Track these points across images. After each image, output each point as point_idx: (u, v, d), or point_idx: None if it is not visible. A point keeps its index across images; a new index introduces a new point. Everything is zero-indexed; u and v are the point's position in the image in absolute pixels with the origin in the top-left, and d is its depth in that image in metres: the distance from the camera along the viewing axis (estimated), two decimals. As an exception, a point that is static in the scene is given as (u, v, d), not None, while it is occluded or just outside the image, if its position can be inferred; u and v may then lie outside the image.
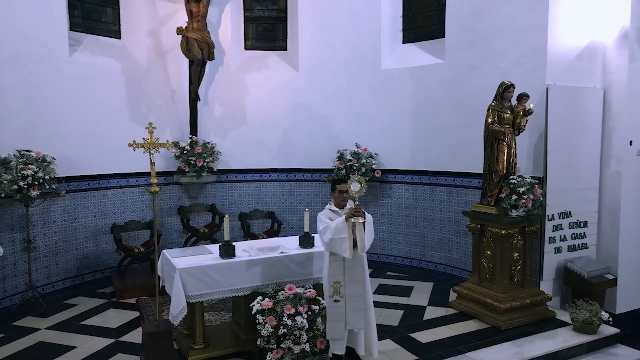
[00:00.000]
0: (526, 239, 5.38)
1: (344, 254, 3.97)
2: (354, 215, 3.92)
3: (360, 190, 3.98)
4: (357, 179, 3.99)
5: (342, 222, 3.95)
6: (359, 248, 3.99)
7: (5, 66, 5.82)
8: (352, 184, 3.99)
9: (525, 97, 5.33)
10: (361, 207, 3.98)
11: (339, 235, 3.94)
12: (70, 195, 6.66)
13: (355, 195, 3.98)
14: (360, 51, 7.81)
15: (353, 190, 3.98)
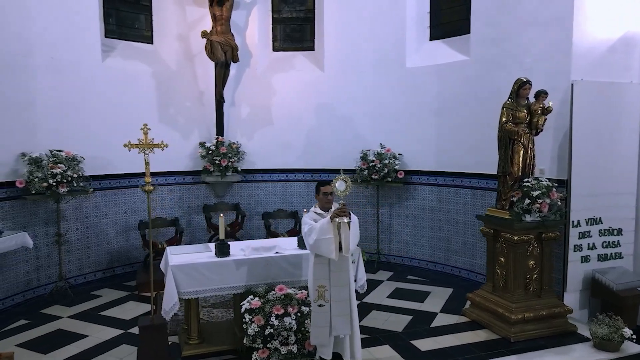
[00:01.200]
0: (543, 246, 5.03)
1: (329, 255, 3.91)
2: (339, 215, 3.85)
3: (346, 189, 3.92)
4: (342, 178, 3.93)
5: (327, 223, 3.90)
6: (344, 249, 3.91)
7: (40, 72, 6.28)
8: (338, 183, 3.92)
9: (543, 95, 4.98)
10: (346, 206, 3.91)
11: (324, 236, 3.89)
12: (101, 192, 7.07)
13: (341, 194, 3.91)
14: (385, 50, 7.65)
15: (338, 189, 3.92)
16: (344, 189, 3.91)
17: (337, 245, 3.90)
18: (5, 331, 5.16)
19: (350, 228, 3.90)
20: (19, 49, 6.02)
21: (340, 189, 3.91)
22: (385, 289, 6.48)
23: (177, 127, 7.85)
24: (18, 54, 6.01)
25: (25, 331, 5.15)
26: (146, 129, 4.60)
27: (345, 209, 3.88)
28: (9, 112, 5.91)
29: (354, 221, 3.97)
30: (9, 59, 5.91)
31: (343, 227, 3.87)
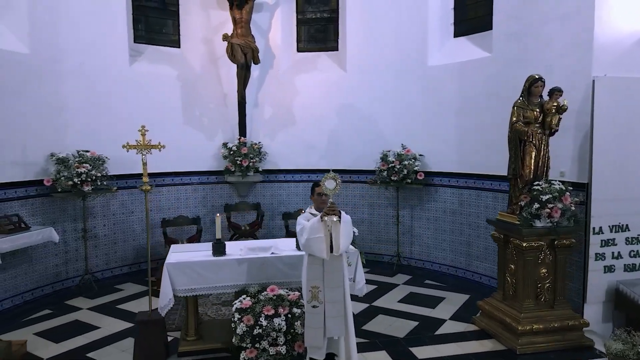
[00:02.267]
0: (557, 253, 4.72)
1: (320, 254, 3.88)
2: (328, 214, 3.82)
3: (335, 188, 3.88)
4: (331, 177, 3.90)
5: (317, 222, 3.87)
6: (334, 248, 3.85)
7: (70, 77, 6.66)
8: (327, 182, 3.90)
9: (557, 92, 4.68)
10: (336, 205, 3.86)
11: (314, 235, 3.86)
12: (128, 191, 7.40)
13: (330, 193, 3.88)
14: (407, 48, 7.48)
15: (327, 188, 3.89)
16: (334, 188, 3.88)
17: (329, 245, 3.86)
18: (29, 320, 5.53)
19: (341, 227, 3.83)
20: (51, 56, 6.42)
21: (330, 187, 3.89)
22: (398, 293, 6.34)
23: (202, 128, 8.07)
24: (50, 60, 6.41)
25: (46, 320, 5.49)
26: (144, 131, 4.76)
27: (335, 207, 3.84)
28: (40, 114, 6.31)
29: (346, 220, 3.90)
30: (41, 65, 6.31)
31: (334, 226, 3.83)
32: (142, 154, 4.71)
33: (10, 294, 5.95)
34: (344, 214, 3.91)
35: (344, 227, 3.84)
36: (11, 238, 5.53)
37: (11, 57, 5.95)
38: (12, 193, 5.97)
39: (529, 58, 5.84)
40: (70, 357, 4.55)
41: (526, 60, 5.88)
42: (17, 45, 6.06)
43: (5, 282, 5.89)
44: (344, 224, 3.85)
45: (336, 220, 3.80)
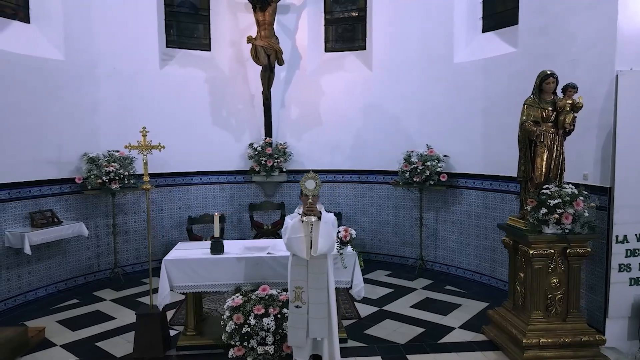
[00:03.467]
0: (570, 262, 4.37)
1: (301, 254, 3.89)
2: (307, 213, 3.80)
3: (315, 187, 3.87)
4: (311, 177, 3.90)
5: (298, 221, 3.87)
6: (312, 248, 3.83)
7: (103, 81, 7.07)
8: (307, 182, 3.89)
9: (570, 89, 4.33)
10: (314, 205, 3.83)
11: (295, 234, 3.88)
12: (158, 189, 7.74)
13: (310, 193, 3.87)
14: (433, 45, 7.25)
15: (307, 188, 3.89)
16: (314, 188, 3.88)
17: (309, 245, 3.85)
18: (57, 308, 5.94)
19: (321, 228, 3.80)
20: (85, 62, 6.85)
21: (310, 187, 3.88)
22: (412, 298, 6.16)
23: (230, 129, 8.27)
24: (84, 65, 6.85)
25: (71, 309, 5.88)
26: (145, 132, 4.92)
27: (313, 207, 3.82)
28: (75, 117, 6.76)
29: (326, 221, 3.85)
30: (76, 70, 6.75)
31: (314, 226, 3.81)
32: (144, 154, 4.82)
33: (44, 283, 6.42)
34: (325, 214, 3.87)
35: (324, 227, 3.79)
36: (43, 231, 5.97)
37: (48, 63, 6.41)
38: (47, 190, 6.43)
39: (554, 52, 5.46)
40: (80, 345, 4.83)
41: (551, 55, 5.50)
42: (53, 52, 6.52)
43: (40, 272, 6.36)
44: (324, 224, 3.80)
45: (315, 220, 3.76)
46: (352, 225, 8.12)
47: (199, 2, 8.30)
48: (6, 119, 5.88)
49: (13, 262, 5.97)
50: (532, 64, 5.81)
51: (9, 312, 5.83)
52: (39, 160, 6.33)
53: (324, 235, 3.79)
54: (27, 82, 6.16)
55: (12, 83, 5.95)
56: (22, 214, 6.09)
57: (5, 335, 4.47)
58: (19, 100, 6.05)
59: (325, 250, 3.84)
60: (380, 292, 6.45)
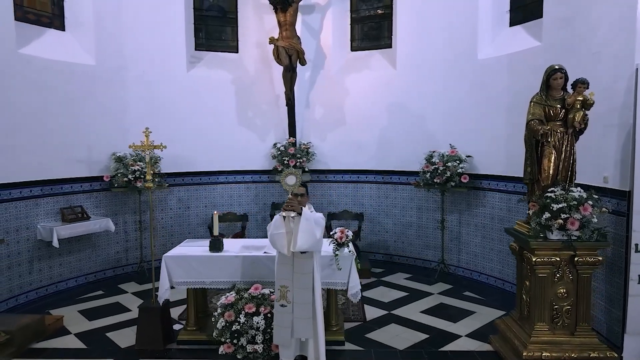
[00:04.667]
0: (579, 272, 4.06)
1: (282, 250, 3.92)
2: (286, 209, 3.81)
3: (296, 183, 3.88)
4: (291, 172, 3.93)
5: (280, 217, 3.90)
6: (292, 245, 3.82)
7: (132, 84, 7.41)
8: (287, 178, 3.94)
9: (580, 84, 4.02)
10: (294, 201, 3.83)
11: (277, 230, 3.90)
12: (185, 187, 8.02)
13: (289, 189, 3.89)
14: (457, 42, 6.99)
15: (288, 184, 3.91)
16: (294, 184, 3.89)
17: (289, 241, 3.85)
18: (82, 298, 6.31)
19: (301, 224, 3.78)
20: (115, 66, 7.22)
21: (290, 183, 3.92)
22: (425, 303, 5.97)
23: (255, 129, 8.40)
24: (113, 70, 7.21)
25: (94, 300, 6.22)
26: (147, 132, 5.08)
27: (293, 203, 3.81)
28: (106, 118, 7.13)
29: (308, 218, 3.82)
30: (108, 73, 7.13)
31: (295, 222, 3.80)
32: (146, 154, 4.99)
33: (75, 274, 6.83)
34: (307, 211, 3.84)
35: (304, 223, 3.77)
36: (71, 226, 6.36)
37: (79, 68, 6.81)
38: (78, 187, 6.85)
39: (577, 46, 5.09)
40: (91, 334, 5.10)
41: (574, 48, 5.14)
42: (85, 57, 6.92)
43: (71, 264, 6.78)
44: (305, 221, 3.78)
45: (294, 216, 3.76)
46: (375, 226, 8.06)
47: (227, 5, 8.50)
48: (40, 120, 6.31)
49: (45, 254, 6.40)
50: (555, 59, 5.40)
51: (40, 300, 6.26)
52: (70, 159, 6.74)
53: (303, 231, 3.76)
54: (60, 86, 6.57)
55: (46, 88, 6.38)
56: (53, 209, 6.51)
57: (23, 322, 4.80)
58: (53, 103, 6.47)
59: (305, 247, 3.80)
60: (394, 295, 6.31)
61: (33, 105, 6.22)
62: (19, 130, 6.05)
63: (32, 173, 6.24)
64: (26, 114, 6.13)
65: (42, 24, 6.65)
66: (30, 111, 6.18)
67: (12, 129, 5.96)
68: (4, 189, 5.87)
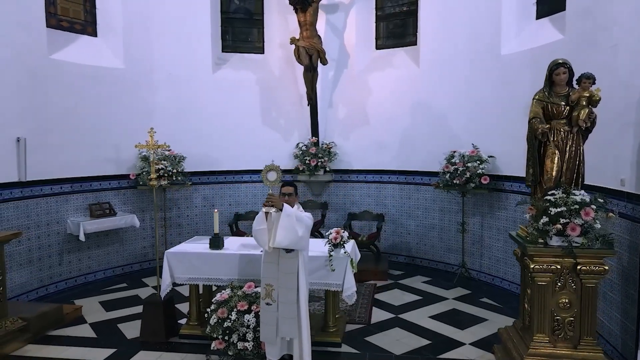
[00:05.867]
0: (583, 281, 3.78)
1: (263, 246, 3.97)
2: (265, 205, 3.82)
3: (277, 179, 3.89)
4: (272, 168, 3.94)
5: (262, 213, 3.93)
6: (271, 241, 3.82)
7: (159, 86, 7.72)
8: (268, 174, 3.97)
9: (585, 80, 3.74)
10: (274, 197, 3.83)
11: (259, 226, 3.96)
12: (209, 186, 8.24)
13: (270, 185, 3.91)
14: (480, 37, 6.72)
15: (269, 180, 3.94)
16: (275, 179, 3.90)
17: (271, 237, 3.86)
18: (106, 290, 6.65)
19: (280, 220, 3.77)
20: (143, 69, 7.54)
21: (271, 179, 3.94)
22: (436, 308, 5.78)
23: (279, 129, 8.49)
24: (141, 73, 7.54)
25: (116, 292, 6.54)
26: (152, 132, 5.25)
27: (272, 199, 3.82)
28: (133, 119, 7.45)
29: (289, 214, 3.81)
30: (136, 77, 7.47)
31: (275, 218, 3.81)
32: (151, 153, 5.17)
33: (102, 267, 7.21)
34: (288, 208, 3.84)
35: (284, 220, 3.77)
36: (97, 221, 6.72)
37: (109, 72, 7.18)
38: (106, 184, 7.22)
39: (597, 38, 4.75)
40: (104, 325, 5.37)
41: (595, 41, 4.79)
42: (114, 61, 7.29)
43: (99, 257, 7.16)
44: (286, 217, 3.77)
45: (274, 212, 3.76)
46: (397, 227, 7.92)
47: (253, 7, 8.64)
48: (71, 121, 6.71)
49: (74, 247, 6.80)
50: (577, 52, 5.14)
51: (69, 290, 6.66)
52: (99, 158, 7.11)
53: (283, 227, 3.75)
54: (90, 89, 6.95)
55: (78, 90, 6.77)
56: (82, 205, 6.91)
57: (41, 310, 5.13)
58: (83, 105, 6.86)
59: (285, 244, 3.79)
60: (407, 299, 6.16)
61: (64, 107, 6.62)
62: (51, 130, 6.46)
63: (63, 171, 6.65)
64: (58, 115, 6.53)
65: (75, 30, 7.07)
66: (61, 112, 6.58)
67: (44, 129, 6.37)
68: (36, 186, 6.29)
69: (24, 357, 4.56)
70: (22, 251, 6.10)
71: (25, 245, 6.15)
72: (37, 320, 4.99)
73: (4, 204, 5.89)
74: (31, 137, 6.14)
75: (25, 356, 4.57)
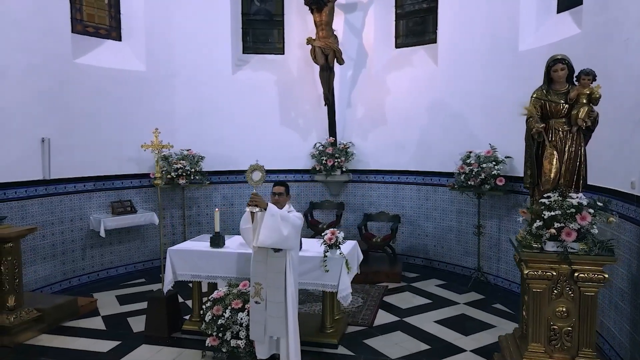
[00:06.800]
0: (582, 289, 3.57)
1: (249, 245, 4.03)
2: (249, 204, 3.86)
3: (261, 178, 3.93)
4: (257, 168, 3.97)
5: (247, 213, 3.99)
6: (254, 240, 3.86)
7: (180, 88, 7.94)
8: (253, 173, 4.02)
9: (584, 76, 3.53)
10: (258, 196, 3.85)
11: (245, 225, 4.05)
12: (229, 185, 8.40)
13: (254, 184, 3.95)
14: (497, 33, 6.50)
15: (253, 179, 3.98)
16: (259, 179, 3.95)
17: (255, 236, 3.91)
18: (125, 284, 6.92)
19: (264, 219, 3.79)
20: (164, 72, 7.79)
21: (255, 179, 3.98)
22: (444, 313, 5.63)
23: (297, 129, 8.53)
24: (163, 75, 7.79)
25: (134, 287, 6.79)
26: (157, 133, 5.38)
27: (255, 199, 3.85)
28: (155, 120, 7.55)
29: (274, 214, 3.83)
30: (156, 79, 7.72)
31: (259, 217, 3.84)
32: (155, 153, 5.32)
33: (124, 262, 7.50)
34: (273, 207, 3.87)
35: (268, 219, 3.80)
36: (117, 218, 7.00)
37: (131, 74, 7.46)
38: (128, 183, 7.50)
39: (611, 32, 4.49)
40: (115, 318, 5.58)
41: (609, 34, 4.54)
42: (136, 64, 7.56)
43: (121, 253, 7.46)
44: (270, 217, 3.79)
45: (257, 211, 3.79)
46: (415, 229, 7.79)
47: (274, 8, 8.72)
48: (95, 122, 7.02)
49: (96, 243, 7.11)
50: (592, 47, 4.91)
51: (92, 283, 6.97)
52: (121, 158, 7.40)
53: (266, 227, 3.78)
54: (114, 91, 7.25)
55: (100, 93, 7.08)
56: (105, 202, 7.21)
57: (56, 302, 5.40)
58: (106, 107, 7.16)
59: (269, 243, 3.81)
60: (417, 302, 6.04)
61: (88, 108, 6.94)
62: (75, 131, 6.78)
63: (86, 169, 6.96)
64: (81, 116, 6.85)
65: (100, 35, 7.38)
66: (85, 114, 6.90)
67: (69, 130, 6.69)
68: (60, 184, 6.63)
69: (36, 345, 4.81)
70: (46, 245, 6.45)
71: (49, 240, 6.49)
72: (52, 311, 5.26)
73: (30, 200, 6.24)
74: (55, 138, 6.47)
75: (37, 345, 4.83)
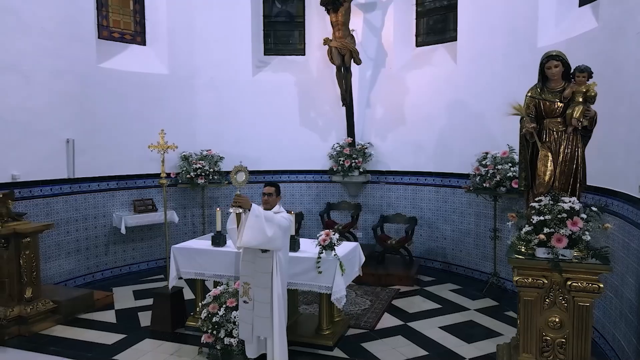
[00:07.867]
0: (575, 299, 3.37)
1: (235, 245, 4.08)
2: (233, 205, 3.91)
3: (245, 179, 3.99)
4: (241, 169, 4.03)
5: (233, 214, 4.04)
6: (238, 240, 3.90)
7: (201, 90, 8.14)
8: (237, 174, 4.08)
9: (579, 74, 3.35)
10: (241, 197, 3.89)
11: (230, 226, 4.11)
12: (249, 185, 8.34)
13: (239, 185, 4.01)
14: (516, 29, 6.26)
15: (238, 180, 4.03)
16: (243, 180, 4.01)
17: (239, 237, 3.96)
18: (143, 280, 7.17)
19: (248, 220, 3.83)
20: (186, 74, 8.02)
21: (240, 180, 4.03)
22: (452, 318, 5.48)
23: (317, 130, 8.54)
24: (185, 78, 8.01)
25: (151, 283, 7.02)
26: (163, 133, 5.53)
27: (239, 200, 3.89)
28: (176, 121, 7.93)
29: (258, 214, 3.85)
30: (178, 82, 7.96)
31: (243, 217, 3.89)
32: (161, 153, 5.48)
33: (146, 259, 7.78)
34: (257, 208, 3.89)
35: (251, 220, 3.83)
36: (138, 216, 7.27)
37: (154, 78, 7.73)
38: (150, 182, 7.77)
39: (627, 25, 4.22)
40: (127, 312, 5.80)
41: (623, 28, 4.26)
42: (159, 67, 7.83)
43: (143, 249, 7.74)
44: (255, 217, 3.82)
45: (240, 212, 3.84)
46: (433, 232, 7.64)
47: (295, 9, 8.77)
48: (120, 124, 7.33)
49: (119, 239, 7.42)
50: (608, 41, 4.64)
51: (114, 278, 7.28)
52: (144, 158, 7.61)
53: (250, 227, 3.81)
54: (138, 94, 7.54)
55: (124, 95, 7.38)
56: (127, 200, 7.51)
57: (73, 295, 5.68)
58: (129, 109, 7.45)
59: (254, 244, 3.85)
60: (426, 306, 5.90)
61: (112, 110, 7.25)
62: (99, 132, 7.10)
63: (110, 169, 7.28)
64: (105, 118, 7.17)
65: (126, 40, 7.70)
66: (109, 116, 7.21)
67: (93, 131, 7.02)
68: (85, 182, 6.96)
69: (49, 335, 5.08)
70: (70, 241, 6.79)
71: (73, 236, 6.83)
72: (68, 303, 5.53)
73: (55, 198, 6.59)
74: (80, 139, 6.80)
75: (50, 335, 5.10)
